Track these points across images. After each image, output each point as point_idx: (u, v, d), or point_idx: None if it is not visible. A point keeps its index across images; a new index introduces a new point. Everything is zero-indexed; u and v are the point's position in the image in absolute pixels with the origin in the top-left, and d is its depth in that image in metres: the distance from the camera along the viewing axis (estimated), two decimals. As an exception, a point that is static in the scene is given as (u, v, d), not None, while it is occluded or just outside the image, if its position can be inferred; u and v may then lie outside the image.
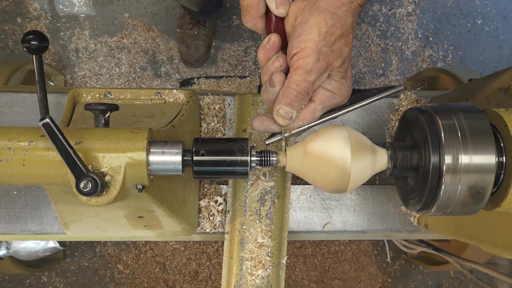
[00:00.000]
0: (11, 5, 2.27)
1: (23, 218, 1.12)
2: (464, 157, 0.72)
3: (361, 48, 2.43)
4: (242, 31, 2.37)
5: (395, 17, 2.47)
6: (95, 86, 2.31)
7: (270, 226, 1.04)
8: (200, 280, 2.29)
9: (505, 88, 0.89)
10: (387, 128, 1.22)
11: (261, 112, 1.08)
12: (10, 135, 0.68)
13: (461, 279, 2.38)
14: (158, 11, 2.33)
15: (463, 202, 0.75)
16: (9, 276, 2.20)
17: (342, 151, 0.76)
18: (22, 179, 0.70)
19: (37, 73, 0.69)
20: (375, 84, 2.42)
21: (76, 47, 2.29)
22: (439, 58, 2.47)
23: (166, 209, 0.87)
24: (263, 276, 1.02)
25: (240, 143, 0.76)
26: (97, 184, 0.65)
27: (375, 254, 2.37)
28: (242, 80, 1.85)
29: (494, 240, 0.90)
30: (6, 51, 2.25)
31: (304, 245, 2.33)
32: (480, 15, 2.51)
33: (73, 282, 2.25)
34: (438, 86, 2.01)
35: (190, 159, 0.74)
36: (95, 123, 0.77)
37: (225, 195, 1.15)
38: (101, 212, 0.88)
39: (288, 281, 2.30)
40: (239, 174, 0.76)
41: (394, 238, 1.57)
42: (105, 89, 1.04)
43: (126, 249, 2.28)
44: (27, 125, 0.73)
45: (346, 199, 1.19)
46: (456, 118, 0.74)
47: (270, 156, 0.79)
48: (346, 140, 0.76)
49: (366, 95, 0.85)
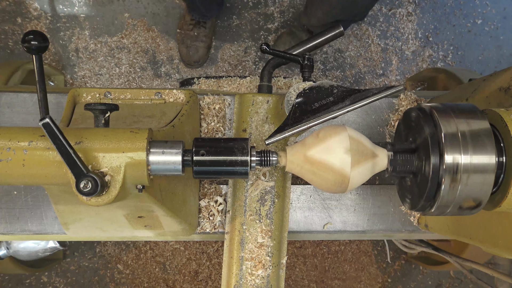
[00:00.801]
0: (11, 5, 2.27)
1: (23, 218, 1.12)
2: (464, 157, 0.72)
3: (361, 48, 2.43)
4: (242, 31, 2.37)
5: (395, 17, 2.47)
6: (95, 86, 2.31)
7: (270, 226, 1.04)
8: (200, 280, 2.29)
9: (505, 88, 0.89)
10: (387, 128, 1.22)
11: (261, 112, 1.08)
12: (10, 135, 0.68)
13: (461, 279, 2.37)
14: (158, 11, 2.33)
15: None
16: (9, 276, 2.20)
17: (342, 156, 0.76)
18: (22, 179, 0.70)
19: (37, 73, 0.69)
20: (375, 84, 2.42)
21: (76, 47, 2.29)
22: (439, 58, 2.47)
23: (166, 209, 0.87)
24: (263, 276, 1.02)
25: (240, 143, 0.76)
26: (97, 184, 0.65)
27: (375, 254, 2.37)
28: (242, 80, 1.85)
29: (494, 240, 0.90)
30: (6, 51, 2.25)
31: (304, 245, 2.33)
32: (480, 15, 2.51)
33: (73, 282, 2.24)
34: (438, 86, 2.01)
35: (190, 159, 0.74)
36: (95, 123, 0.77)
37: (225, 195, 1.15)
38: (101, 212, 0.88)
39: (288, 281, 2.30)
40: (239, 174, 0.76)
41: (394, 238, 1.57)
42: (105, 89, 1.04)
43: (126, 249, 2.28)
44: (27, 125, 0.73)
45: (346, 199, 1.19)
46: (456, 118, 0.74)
47: (270, 156, 0.79)
48: (346, 144, 0.76)
49: (366, 95, 0.85)
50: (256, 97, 1.09)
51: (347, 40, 2.43)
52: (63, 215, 0.91)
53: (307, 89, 0.89)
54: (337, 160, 0.76)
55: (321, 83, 0.90)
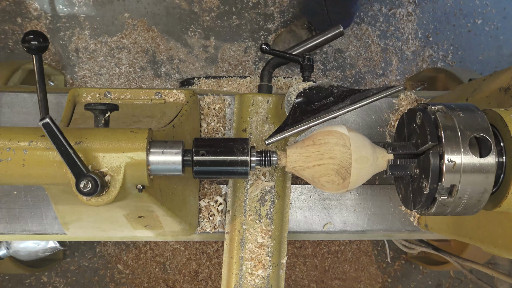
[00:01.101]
0: (11, 5, 2.27)
1: (23, 218, 1.12)
2: (464, 157, 0.72)
3: (361, 48, 2.43)
4: (242, 31, 2.37)
5: (395, 17, 2.47)
6: (95, 86, 2.31)
7: (270, 226, 1.04)
8: (200, 280, 2.29)
9: (505, 88, 0.89)
10: (387, 128, 1.22)
11: (261, 112, 1.08)
12: (10, 135, 0.68)
13: (461, 279, 2.37)
14: (158, 11, 2.33)
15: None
16: (9, 276, 2.20)
17: (342, 156, 0.76)
18: (22, 179, 0.70)
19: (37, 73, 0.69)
20: (375, 84, 2.41)
21: (76, 47, 2.29)
22: (439, 58, 2.47)
23: (166, 209, 0.87)
24: (263, 276, 1.02)
25: (240, 143, 0.76)
26: (97, 184, 0.65)
27: (375, 254, 2.37)
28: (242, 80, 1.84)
29: (494, 240, 0.90)
30: (6, 51, 2.25)
31: (304, 245, 2.33)
32: (480, 15, 2.51)
33: (73, 282, 2.24)
34: (438, 86, 2.01)
35: (190, 159, 0.74)
36: (95, 123, 0.77)
37: (225, 195, 1.15)
38: (101, 212, 0.88)
39: (288, 281, 2.30)
40: (239, 174, 0.76)
41: (394, 238, 1.57)
42: (105, 89, 1.04)
43: (126, 249, 2.28)
44: (27, 125, 0.73)
45: (346, 199, 1.19)
46: (456, 118, 0.74)
47: (270, 156, 0.79)
48: (346, 145, 0.76)
49: (366, 95, 0.85)
50: (256, 97, 1.09)
51: (347, 40, 2.43)
52: (63, 215, 0.91)
53: (307, 89, 0.89)
54: (337, 160, 0.76)
55: (321, 83, 0.90)
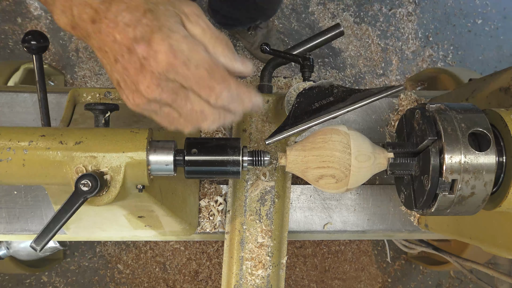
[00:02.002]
0: (11, 5, 2.27)
1: (23, 218, 1.12)
2: (464, 157, 0.72)
3: (361, 48, 2.43)
4: (242, 31, 2.36)
5: (395, 17, 2.47)
6: (95, 86, 2.31)
7: (270, 226, 1.04)
8: (200, 280, 2.29)
9: (505, 88, 0.89)
10: (387, 128, 1.22)
11: (261, 112, 1.08)
12: (10, 135, 0.68)
13: (461, 279, 2.37)
14: (158, 11, 2.33)
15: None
16: (9, 276, 2.20)
17: (342, 156, 0.76)
18: (22, 179, 0.70)
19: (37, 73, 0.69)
20: (375, 84, 2.42)
21: (76, 47, 2.29)
22: (439, 58, 2.47)
23: (166, 209, 0.87)
24: (263, 276, 1.02)
25: (232, 142, 0.76)
26: (97, 183, 0.65)
27: (375, 254, 2.37)
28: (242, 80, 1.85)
29: (494, 240, 0.90)
30: (6, 51, 2.25)
31: (304, 245, 2.33)
32: (480, 15, 2.51)
33: (73, 282, 2.24)
34: (438, 86, 2.01)
35: (182, 159, 0.74)
36: (95, 123, 0.77)
37: (225, 195, 1.15)
38: (101, 212, 0.88)
39: (288, 281, 2.30)
40: (231, 173, 0.76)
41: (394, 238, 1.57)
42: (105, 89, 1.04)
43: (126, 249, 2.28)
44: (27, 125, 0.73)
45: (346, 199, 1.19)
46: (456, 118, 0.74)
47: (262, 156, 0.79)
48: (346, 145, 0.77)
49: (366, 95, 0.84)
50: (256, 97, 1.09)
51: (347, 40, 2.43)
52: (63, 215, 0.91)
53: (307, 89, 0.89)
54: (337, 160, 0.76)
55: (321, 83, 0.90)
